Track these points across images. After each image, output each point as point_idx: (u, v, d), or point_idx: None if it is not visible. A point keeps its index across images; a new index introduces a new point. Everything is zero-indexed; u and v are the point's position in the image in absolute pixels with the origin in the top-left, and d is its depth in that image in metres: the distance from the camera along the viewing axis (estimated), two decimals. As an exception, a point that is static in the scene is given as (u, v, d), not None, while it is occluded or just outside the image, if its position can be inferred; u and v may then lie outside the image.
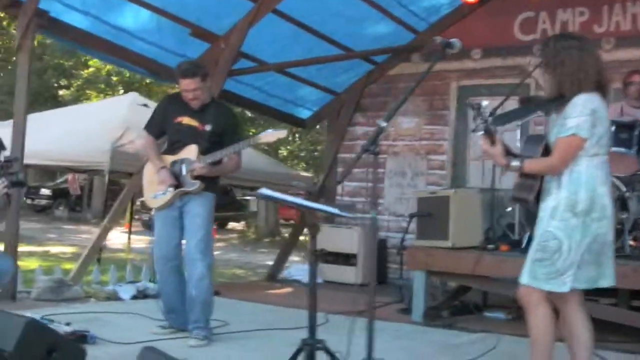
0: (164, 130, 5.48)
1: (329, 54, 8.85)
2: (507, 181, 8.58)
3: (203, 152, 5.25)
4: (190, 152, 5.28)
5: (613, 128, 6.07)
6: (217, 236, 21.49)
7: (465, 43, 8.80)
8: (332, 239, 8.93)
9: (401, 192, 9.49)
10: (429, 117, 9.34)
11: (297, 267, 9.38)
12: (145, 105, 8.92)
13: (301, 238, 10.62)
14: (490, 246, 6.18)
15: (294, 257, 11.29)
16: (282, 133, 5.23)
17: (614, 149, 5.94)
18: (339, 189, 9.86)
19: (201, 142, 5.28)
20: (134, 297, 6.88)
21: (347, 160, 9.79)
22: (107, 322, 5.68)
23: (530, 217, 6.01)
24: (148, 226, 11.39)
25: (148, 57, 8.00)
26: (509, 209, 7.11)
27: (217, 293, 7.30)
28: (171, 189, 5.28)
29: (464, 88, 9.13)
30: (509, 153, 3.97)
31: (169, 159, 5.37)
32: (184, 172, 5.26)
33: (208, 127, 5.31)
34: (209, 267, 5.28)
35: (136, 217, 13.23)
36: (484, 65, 8.96)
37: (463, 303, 6.80)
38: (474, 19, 8.97)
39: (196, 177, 5.25)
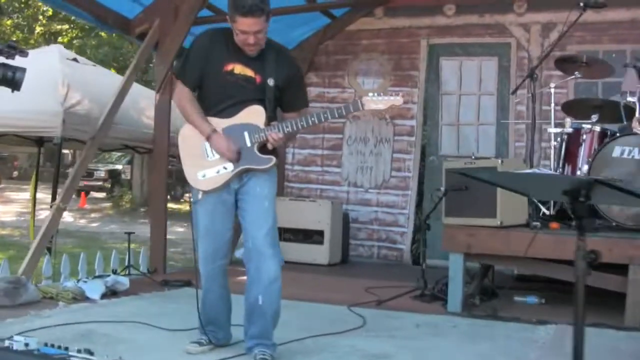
0: (202, 79, 4.05)
1: (290, 5, 7.79)
2: (486, 149, 8.02)
3: (269, 116, 4.02)
4: (255, 115, 3.99)
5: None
6: (88, 206, 20.00)
7: None
8: (296, 214, 7.98)
9: (362, 160, 8.63)
10: (395, 78, 8.49)
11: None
12: (75, 60, 7.46)
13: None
14: (536, 224, 5.46)
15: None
16: (396, 99, 3.92)
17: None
18: (289, 157, 8.86)
19: (265, 101, 4.02)
20: (104, 296, 5.59)
21: (298, 125, 8.80)
22: (114, 339, 4.31)
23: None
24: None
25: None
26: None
27: (188, 283, 6.28)
28: (230, 165, 3.98)
29: (436, 47, 8.37)
30: None
31: (220, 122, 3.99)
32: (247, 142, 3.97)
33: (271, 82, 3.97)
34: (281, 266, 4.04)
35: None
36: (458, 22, 8.23)
37: (483, 286, 6.07)
38: (447, -29, 8.21)
39: (263, 150, 4.01)
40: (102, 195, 23.05)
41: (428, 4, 8.28)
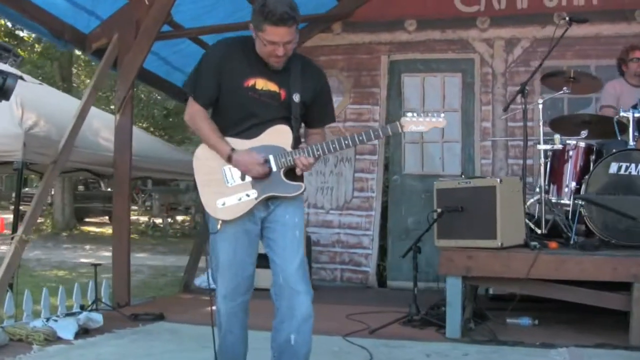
0: (218, 97, 3.60)
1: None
2: (451, 167, 7.85)
3: (295, 136, 3.62)
4: (280, 135, 3.58)
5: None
6: (8, 231, 18.90)
7: (396, 12, 8.12)
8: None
9: (322, 180, 8.33)
10: (355, 96, 8.23)
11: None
12: (21, 78, 6.86)
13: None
14: (534, 243, 5.28)
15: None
16: (438, 121, 3.57)
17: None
18: (246, 178, 8.46)
19: (292, 119, 3.61)
20: (77, 335, 5.09)
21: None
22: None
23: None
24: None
25: (50, 12, 6.11)
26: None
27: (161, 316, 5.88)
28: (253, 192, 3.57)
29: (397, 63, 8.16)
30: None
31: (240, 144, 3.55)
32: (273, 166, 3.56)
33: (297, 97, 3.56)
34: (312, 302, 3.64)
35: None
36: (420, 38, 8.06)
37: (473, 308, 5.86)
38: (407, -14, 8.05)
39: (289, 174, 3.57)
40: (21, 219, 21.92)
41: (388, 20, 8.08)
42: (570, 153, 5.84)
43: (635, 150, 5.30)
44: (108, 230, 18.95)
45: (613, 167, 5.31)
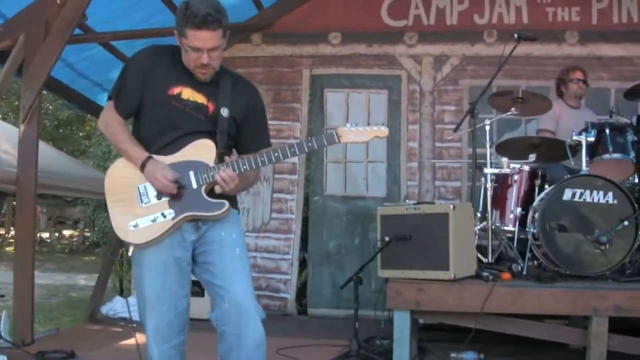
0: (140, 104, 3.27)
1: (168, 26, 6.85)
2: (375, 188, 7.49)
3: (220, 152, 3.27)
4: (203, 150, 3.23)
5: (608, 131, 5.30)
6: None
7: (320, 24, 7.71)
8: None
9: (238, 201, 7.75)
10: (274, 111, 7.72)
11: (120, 301, 7.11)
12: None
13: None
14: (486, 274, 4.94)
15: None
16: (380, 130, 3.37)
17: (616, 155, 5.24)
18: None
19: (218, 134, 3.26)
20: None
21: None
22: None
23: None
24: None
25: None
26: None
27: (72, 355, 5.22)
28: (170, 212, 3.19)
29: (320, 77, 7.73)
30: None
31: (161, 160, 3.23)
32: (193, 183, 3.20)
33: (225, 112, 3.28)
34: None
35: None
36: (345, 52, 7.66)
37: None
38: (332, -3, 7.66)
39: (212, 194, 3.22)
40: None
41: (311, 32, 7.64)
42: (515, 177, 5.57)
43: (590, 176, 5.04)
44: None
45: (567, 194, 5.04)
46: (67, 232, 21.29)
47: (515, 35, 5.43)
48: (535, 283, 4.86)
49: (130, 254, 3.24)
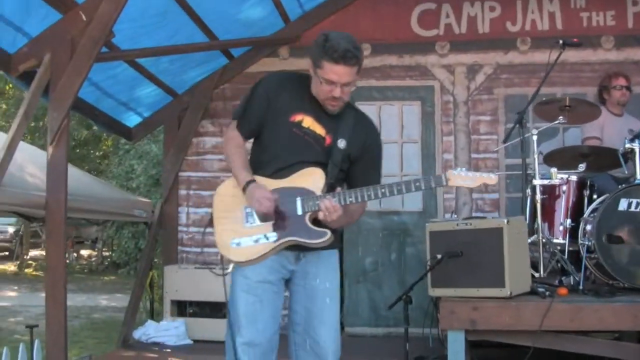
0: (262, 127, 3.35)
1: (193, 42, 6.71)
2: (411, 202, 7.29)
3: (330, 183, 3.27)
4: (312, 178, 3.25)
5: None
6: None
7: None
8: (201, 284, 6.83)
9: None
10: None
11: (152, 325, 6.91)
12: None
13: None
14: (542, 290, 4.73)
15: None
16: (489, 177, 3.24)
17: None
18: (183, 217, 7.65)
19: (329, 165, 3.28)
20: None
21: (192, 180, 7.66)
22: None
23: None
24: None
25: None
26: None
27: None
28: (272, 235, 3.19)
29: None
30: None
31: (269, 184, 3.26)
32: (298, 210, 3.20)
33: (342, 144, 3.30)
34: None
35: None
36: (375, 64, 7.47)
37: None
38: (359, 9, 7.48)
39: (316, 223, 3.20)
40: None
41: (340, 44, 7.45)
42: (564, 188, 5.36)
43: (640, 184, 4.84)
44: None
45: (623, 204, 4.83)
46: (85, 252, 21.15)
47: (560, 42, 5.22)
48: (593, 298, 4.65)
49: (228, 271, 3.31)
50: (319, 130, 3.31)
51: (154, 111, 7.67)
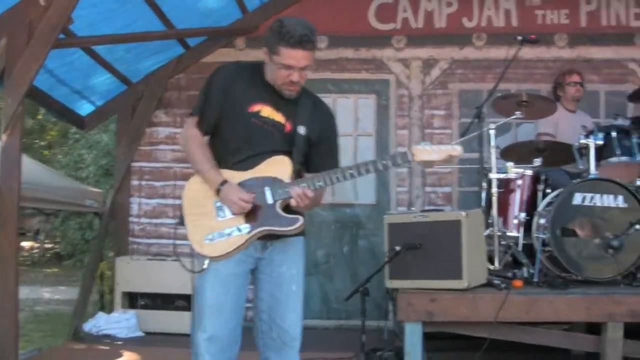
0: (220, 121, 3.32)
1: (150, 31, 6.63)
2: (365, 195, 7.33)
3: (296, 169, 3.30)
4: (278, 166, 3.27)
5: (614, 134, 5.22)
6: None
7: None
8: (154, 276, 6.78)
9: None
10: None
11: (103, 317, 6.81)
12: None
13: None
14: (498, 282, 4.81)
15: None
16: (454, 149, 3.15)
17: (623, 158, 5.17)
18: (135, 208, 7.56)
19: (294, 152, 3.30)
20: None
21: (144, 170, 7.56)
22: None
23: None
24: None
25: None
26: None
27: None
28: (245, 227, 3.20)
29: (306, 82, 7.49)
30: None
31: (235, 176, 3.26)
32: (268, 199, 3.20)
33: (302, 129, 3.32)
34: None
35: None
36: (331, 57, 7.48)
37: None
38: (318, 1, 7.48)
39: (287, 210, 3.23)
40: None
41: (297, 36, 7.45)
42: (518, 182, 5.45)
43: (600, 179, 4.95)
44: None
45: (577, 198, 4.94)
46: (26, 244, 20.68)
47: (519, 38, 5.31)
48: (548, 290, 4.74)
49: (205, 266, 3.22)
50: (279, 117, 3.31)
51: (107, 100, 7.54)
